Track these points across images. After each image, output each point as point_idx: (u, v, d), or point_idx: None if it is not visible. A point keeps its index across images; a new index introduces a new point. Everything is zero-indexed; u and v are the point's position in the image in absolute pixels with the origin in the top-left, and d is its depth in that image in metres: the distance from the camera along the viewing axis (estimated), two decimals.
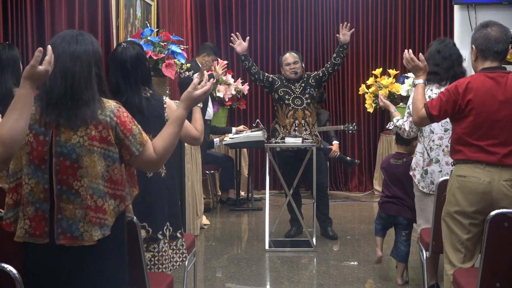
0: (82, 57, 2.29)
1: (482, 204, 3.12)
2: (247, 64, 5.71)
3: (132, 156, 2.34)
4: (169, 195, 3.32)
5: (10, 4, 4.01)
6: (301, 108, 5.63)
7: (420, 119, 3.34)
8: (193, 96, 2.48)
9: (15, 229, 2.29)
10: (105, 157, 2.29)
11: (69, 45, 2.29)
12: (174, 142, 2.44)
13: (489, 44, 3.19)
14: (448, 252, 3.24)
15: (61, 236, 2.26)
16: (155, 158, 2.39)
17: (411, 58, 3.48)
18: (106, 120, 2.29)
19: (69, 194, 2.26)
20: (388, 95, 7.36)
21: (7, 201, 2.30)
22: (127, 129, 2.33)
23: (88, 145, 2.26)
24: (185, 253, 3.38)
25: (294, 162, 5.63)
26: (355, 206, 7.47)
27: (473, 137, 3.16)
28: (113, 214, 2.32)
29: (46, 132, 2.27)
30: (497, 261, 2.79)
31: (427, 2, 8.03)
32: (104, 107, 2.31)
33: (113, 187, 2.32)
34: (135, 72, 3.17)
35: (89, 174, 2.26)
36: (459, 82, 3.23)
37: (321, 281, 4.67)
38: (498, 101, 3.13)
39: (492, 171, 3.12)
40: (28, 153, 2.27)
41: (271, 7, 8.30)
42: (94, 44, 2.36)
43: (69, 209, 2.26)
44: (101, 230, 2.28)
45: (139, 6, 5.97)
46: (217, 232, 6.24)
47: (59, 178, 2.26)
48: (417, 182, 3.96)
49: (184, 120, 2.48)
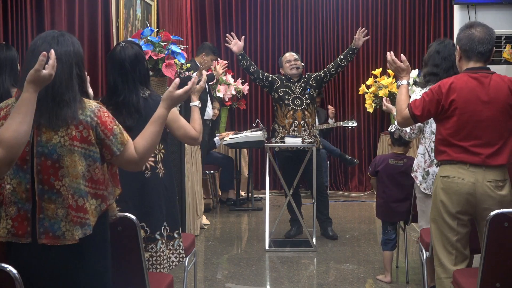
0: (63, 58, 2.29)
1: (466, 205, 3.14)
2: (245, 63, 5.71)
3: (113, 156, 2.36)
4: (167, 195, 3.31)
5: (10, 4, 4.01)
6: (300, 109, 5.63)
7: (403, 119, 3.34)
8: (174, 95, 2.50)
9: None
10: (86, 157, 2.31)
11: (49, 46, 2.29)
12: (156, 141, 2.46)
13: (472, 44, 3.20)
14: (439, 254, 3.24)
15: (43, 235, 2.28)
16: (136, 158, 2.41)
17: (393, 60, 3.47)
18: (86, 120, 2.31)
19: (50, 193, 2.28)
20: (388, 95, 7.35)
21: None
22: (108, 129, 2.35)
23: (69, 145, 2.28)
24: (182, 254, 3.37)
25: (294, 162, 5.62)
26: (355, 206, 7.47)
27: (457, 138, 3.17)
28: (95, 213, 2.34)
29: None
30: (497, 261, 2.79)
31: (427, 2, 8.03)
32: (84, 107, 2.33)
33: (94, 187, 2.34)
34: (133, 71, 3.17)
35: (70, 174, 2.28)
36: (442, 82, 3.24)
37: (321, 281, 4.67)
38: (481, 102, 3.14)
39: (476, 171, 3.13)
40: None
41: (271, 7, 8.30)
42: (75, 44, 2.37)
43: (51, 208, 2.28)
44: (82, 230, 2.29)
45: (139, 6, 5.97)
46: (217, 232, 6.24)
47: (41, 178, 2.28)
48: (419, 184, 3.95)
49: (165, 119, 2.49)
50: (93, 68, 4.89)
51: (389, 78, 7.56)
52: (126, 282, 2.78)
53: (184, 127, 3.26)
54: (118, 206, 3.19)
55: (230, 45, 5.70)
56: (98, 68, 4.86)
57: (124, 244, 2.77)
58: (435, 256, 3.28)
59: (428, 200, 3.91)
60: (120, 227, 2.74)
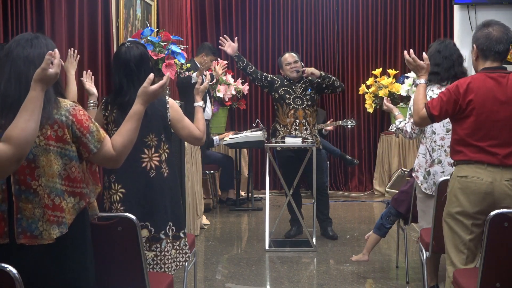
0: (36, 61, 2.29)
1: (484, 204, 3.11)
2: (241, 64, 5.72)
3: (91, 153, 2.38)
4: (172, 195, 3.32)
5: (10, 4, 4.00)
6: (301, 108, 5.63)
7: (420, 119, 3.32)
8: (148, 91, 2.53)
9: None
10: (62, 155, 2.33)
11: (23, 49, 2.32)
12: (133, 138, 2.48)
13: (490, 44, 3.17)
14: (450, 253, 3.23)
15: (21, 235, 2.29)
16: (114, 155, 2.42)
17: (413, 58, 3.44)
18: (61, 119, 2.33)
19: (27, 193, 2.29)
20: (388, 95, 7.36)
21: None
22: (84, 127, 2.37)
23: (44, 145, 2.30)
24: (188, 253, 3.38)
25: (294, 162, 5.62)
26: (355, 206, 7.47)
27: (474, 138, 3.14)
28: (72, 211, 2.35)
29: (2, 133, 2.27)
30: (497, 261, 2.79)
31: (427, 2, 8.03)
32: (59, 107, 2.34)
33: (71, 185, 2.35)
34: (138, 71, 3.19)
35: (46, 173, 2.30)
36: (459, 82, 3.22)
37: (321, 281, 4.67)
38: (499, 102, 3.12)
39: (493, 171, 3.11)
40: None
41: (271, 7, 8.30)
42: (49, 47, 2.37)
43: (28, 208, 2.29)
44: (59, 228, 2.31)
45: (139, 6, 5.97)
46: (217, 232, 6.24)
47: (17, 178, 2.29)
48: (420, 184, 3.94)
49: (141, 115, 2.51)
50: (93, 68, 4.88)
51: (389, 78, 7.57)
52: (126, 282, 2.78)
53: (189, 127, 3.27)
54: (122, 206, 3.21)
55: (224, 47, 5.70)
56: (98, 68, 4.85)
57: (124, 244, 2.77)
58: (446, 254, 3.27)
59: (429, 200, 3.90)
60: (120, 227, 2.74)
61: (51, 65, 2.16)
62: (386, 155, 7.79)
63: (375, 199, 7.79)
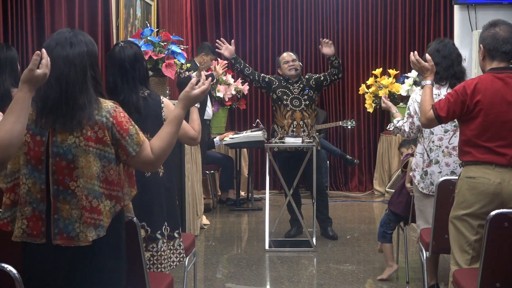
0: (76, 61, 2.28)
1: (492, 205, 3.08)
2: (238, 67, 5.72)
3: (129, 156, 2.34)
4: (167, 195, 3.32)
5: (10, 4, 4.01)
6: (299, 110, 5.62)
7: (428, 121, 3.30)
8: (191, 95, 2.48)
9: (12, 229, 2.30)
10: (101, 157, 2.29)
11: (63, 49, 2.28)
12: (172, 142, 2.44)
13: (497, 44, 3.15)
14: (455, 253, 3.22)
15: (57, 236, 2.27)
16: (152, 158, 2.38)
17: (417, 60, 3.44)
18: (102, 121, 2.29)
19: (65, 194, 2.27)
20: (388, 95, 7.36)
21: (5, 201, 2.31)
22: (124, 129, 2.33)
23: (84, 146, 2.27)
24: (183, 253, 3.38)
25: (294, 163, 5.62)
26: (355, 206, 7.47)
27: (482, 139, 3.13)
28: (109, 215, 2.32)
29: (42, 132, 2.28)
30: (497, 261, 2.79)
31: (427, 2, 8.03)
32: (100, 108, 2.31)
33: (108, 188, 2.32)
34: (133, 71, 3.18)
35: (85, 174, 2.27)
36: (467, 83, 3.20)
37: (321, 281, 4.67)
38: (507, 102, 3.10)
39: (502, 171, 3.10)
40: (25, 153, 2.27)
41: (271, 7, 8.30)
42: (88, 45, 2.34)
43: (65, 209, 2.27)
44: (95, 231, 2.28)
45: (139, 6, 5.97)
46: (217, 232, 6.24)
47: (56, 178, 2.27)
48: (417, 183, 3.94)
49: (182, 120, 2.48)
50: None
51: (389, 78, 7.57)
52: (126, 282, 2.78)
53: (184, 127, 3.26)
54: None
55: (221, 50, 5.70)
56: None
57: None
58: (451, 254, 3.26)
59: (426, 199, 3.91)
60: None
61: (40, 65, 2.12)
62: (386, 155, 7.78)
63: (375, 199, 7.78)
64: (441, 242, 3.54)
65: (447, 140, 3.85)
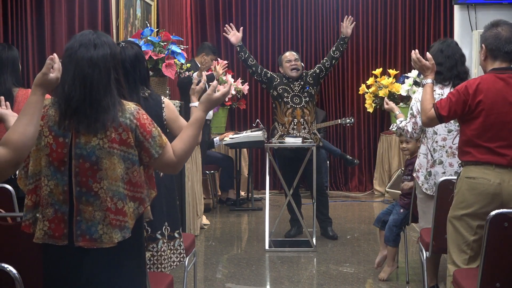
0: (101, 64, 2.27)
1: (492, 205, 3.08)
2: (243, 55, 5.71)
3: (152, 159, 2.34)
4: (168, 195, 3.32)
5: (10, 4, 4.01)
6: (299, 107, 5.63)
7: (429, 120, 3.29)
8: (212, 98, 2.47)
9: (34, 230, 2.30)
10: (125, 159, 2.29)
11: (87, 51, 2.27)
12: (194, 145, 2.44)
13: (499, 44, 3.15)
14: (452, 253, 3.22)
15: (80, 238, 2.26)
16: (175, 161, 2.38)
17: (418, 58, 3.43)
18: (126, 123, 2.28)
19: (88, 196, 2.26)
20: (388, 95, 7.36)
21: (26, 203, 2.31)
22: (147, 132, 2.32)
23: (108, 148, 2.26)
24: (183, 253, 3.38)
25: (294, 162, 5.62)
26: (355, 206, 7.47)
27: (483, 139, 3.13)
28: (133, 216, 2.32)
29: (65, 134, 2.27)
30: (497, 261, 2.79)
31: (427, 2, 8.03)
32: (124, 110, 2.30)
33: (132, 190, 2.31)
34: (133, 71, 3.18)
35: (109, 176, 2.26)
36: (469, 83, 3.19)
37: (321, 281, 4.67)
38: (508, 103, 3.10)
39: (502, 172, 3.10)
40: (48, 154, 2.27)
41: (271, 7, 8.30)
42: (112, 47, 2.34)
43: (88, 211, 2.26)
44: (121, 233, 2.27)
45: (139, 6, 5.97)
46: (217, 232, 6.24)
47: (79, 180, 2.26)
48: (421, 184, 3.92)
49: (203, 122, 2.47)
50: None
51: (389, 78, 7.57)
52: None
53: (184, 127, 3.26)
54: None
55: (229, 35, 5.69)
56: None
57: None
58: (448, 253, 3.26)
59: (430, 201, 3.89)
60: None
61: (52, 70, 2.13)
62: (386, 155, 7.78)
63: (375, 199, 7.79)
64: (441, 242, 3.53)
65: (450, 140, 3.83)
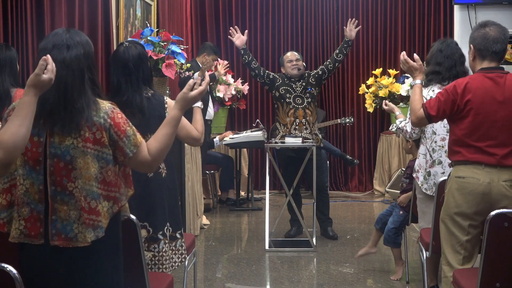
0: (74, 65, 2.27)
1: (481, 205, 3.11)
2: (246, 58, 5.72)
3: (126, 158, 2.34)
4: (170, 195, 3.32)
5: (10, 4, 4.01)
6: (301, 107, 5.64)
7: (418, 120, 3.32)
8: (188, 97, 2.47)
9: (8, 230, 2.30)
10: (99, 159, 2.29)
11: (60, 52, 2.27)
12: (169, 144, 2.44)
13: (487, 44, 3.17)
14: (446, 253, 3.23)
15: (55, 237, 2.27)
16: (149, 160, 2.39)
17: (405, 59, 3.46)
18: (100, 122, 2.29)
19: (63, 195, 2.27)
20: (388, 95, 7.36)
21: (1, 202, 2.31)
22: (121, 131, 2.32)
23: (81, 147, 2.27)
24: (184, 254, 3.38)
25: (296, 162, 5.63)
26: (355, 206, 7.47)
27: (472, 138, 3.15)
28: (107, 215, 2.32)
29: (40, 133, 2.27)
30: (497, 261, 2.79)
31: (427, 2, 8.03)
32: (98, 109, 2.30)
33: (106, 189, 2.32)
34: (136, 71, 3.18)
35: (83, 175, 2.27)
36: (457, 82, 3.22)
37: (321, 281, 4.67)
38: (496, 102, 3.12)
39: (491, 171, 3.11)
40: (23, 154, 2.27)
41: (271, 7, 8.30)
42: (85, 46, 2.34)
43: (63, 210, 2.27)
44: (94, 232, 2.28)
45: (139, 6, 5.97)
46: (217, 232, 6.24)
47: (53, 179, 2.27)
48: (420, 184, 3.93)
49: (179, 121, 2.47)
50: None
51: (389, 78, 7.57)
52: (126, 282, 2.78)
53: (187, 127, 3.26)
54: None
55: (233, 38, 5.70)
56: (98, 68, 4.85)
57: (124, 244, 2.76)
58: (442, 254, 3.27)
59: (429, 201, 3.89)
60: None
61: (45, 71, 2.12)
62: (386, 155, 7.78)
63: (375, 199, 7.79)
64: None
65: None
